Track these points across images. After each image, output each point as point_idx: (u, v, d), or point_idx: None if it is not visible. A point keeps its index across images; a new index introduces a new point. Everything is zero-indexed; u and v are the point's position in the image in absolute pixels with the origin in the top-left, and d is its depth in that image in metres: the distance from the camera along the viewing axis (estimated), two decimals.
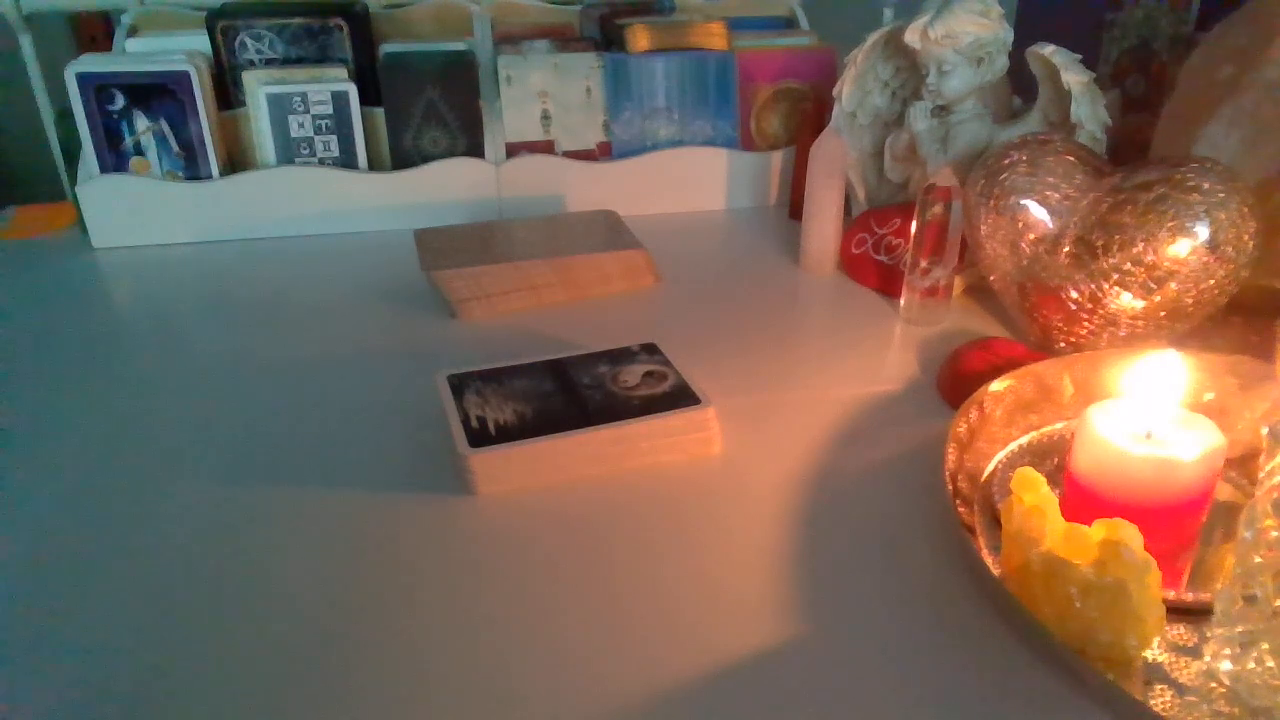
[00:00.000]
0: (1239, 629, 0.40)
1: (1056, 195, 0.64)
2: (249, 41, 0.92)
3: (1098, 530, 0.43)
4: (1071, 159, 0.65)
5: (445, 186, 0.94)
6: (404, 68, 0.91)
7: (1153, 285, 0.60)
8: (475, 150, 0.94)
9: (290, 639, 0.44)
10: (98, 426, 0.61)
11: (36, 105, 1.09)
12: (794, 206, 0.96)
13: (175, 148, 0.89)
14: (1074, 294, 0.63)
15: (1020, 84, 0.82)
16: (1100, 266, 0.61)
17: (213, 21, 0.91)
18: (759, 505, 0.53)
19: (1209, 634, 0.42)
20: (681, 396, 0.57)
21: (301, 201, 0.92)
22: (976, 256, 0.71)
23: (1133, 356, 0.50)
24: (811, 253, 0.84)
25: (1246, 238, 0.58)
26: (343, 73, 0.91)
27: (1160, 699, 0.40)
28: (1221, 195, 0.57)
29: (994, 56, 0.75)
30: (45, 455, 0.58)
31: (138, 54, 0.92)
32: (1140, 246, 0.59)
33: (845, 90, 0.85)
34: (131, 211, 0.89)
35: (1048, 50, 0.73)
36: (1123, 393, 0.49)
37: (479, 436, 0.54)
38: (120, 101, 0.87)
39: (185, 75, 0.87)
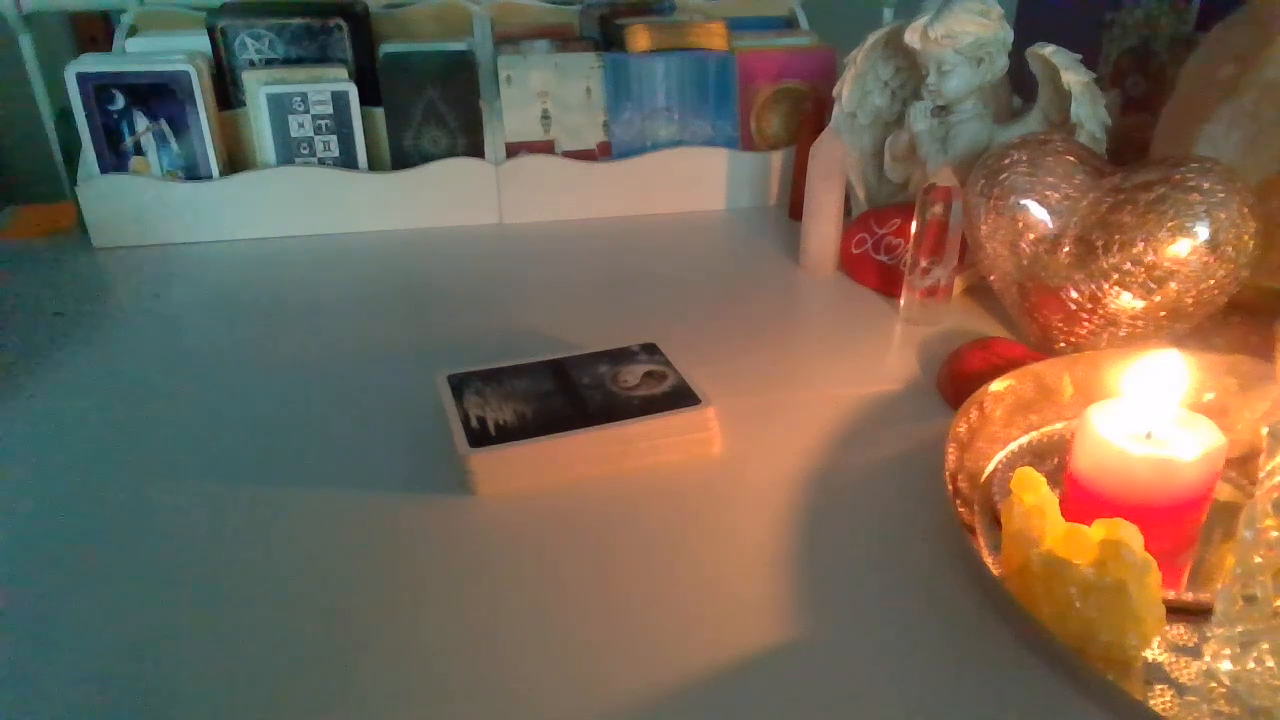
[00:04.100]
0: (1239, 629, 0.40)
1: (1056, 195, 0.64)
2: (249, 41, 0.92)
3: (1098, 530, 0.43)
4: (1071, 159, 0.65)
5: (445, 186, 0.94)
6: (404, 68, 0.91)
7: (1153, 285, 0.60)
8: (475, 150, 0.94)
9: (290, 639, 0.44)
10: (97, 426, 0.61)
11: (36, 105, 1.09)
12: (794, 206, 0.96)
13: (175, 148, 0.89)
14: (1074, 294, 0.63)
15: (1020, 84, 0.82)
16: (1100, 266, 0.61)
17: (213, 21, 0.91)
18: (759, 505, 0.53)
19: (1209, 634, 0.42)
20: (681, 396, 0.57)
21: (301, 201, 0.92)
22: (976, 256, 0.71)
23: (1133, 356, 0.50)
24: (811, 253, 0.84)
25: (1246, 238, 0.58)
26: (343, 73, 0.91)
27: (1160, 699, 0.40)
28: (1221, 195, 0.57)
29: (994, 56, 0.75)
30: (45, 455, 0.58)
31: (138, 54, 0.92)
32: (1140, 246, 0.59)
33: (845, 90, 0.85)
34: (131, 211, 0.89)
35: (1048, 50, 0.73)
36: (1123, 393, 0.49)
37: (479, 436, 0.54)
38: (120, 101, 0.87)
39: (185, 75, 0.87)
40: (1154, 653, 0.42)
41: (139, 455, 0.58)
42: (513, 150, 0.95)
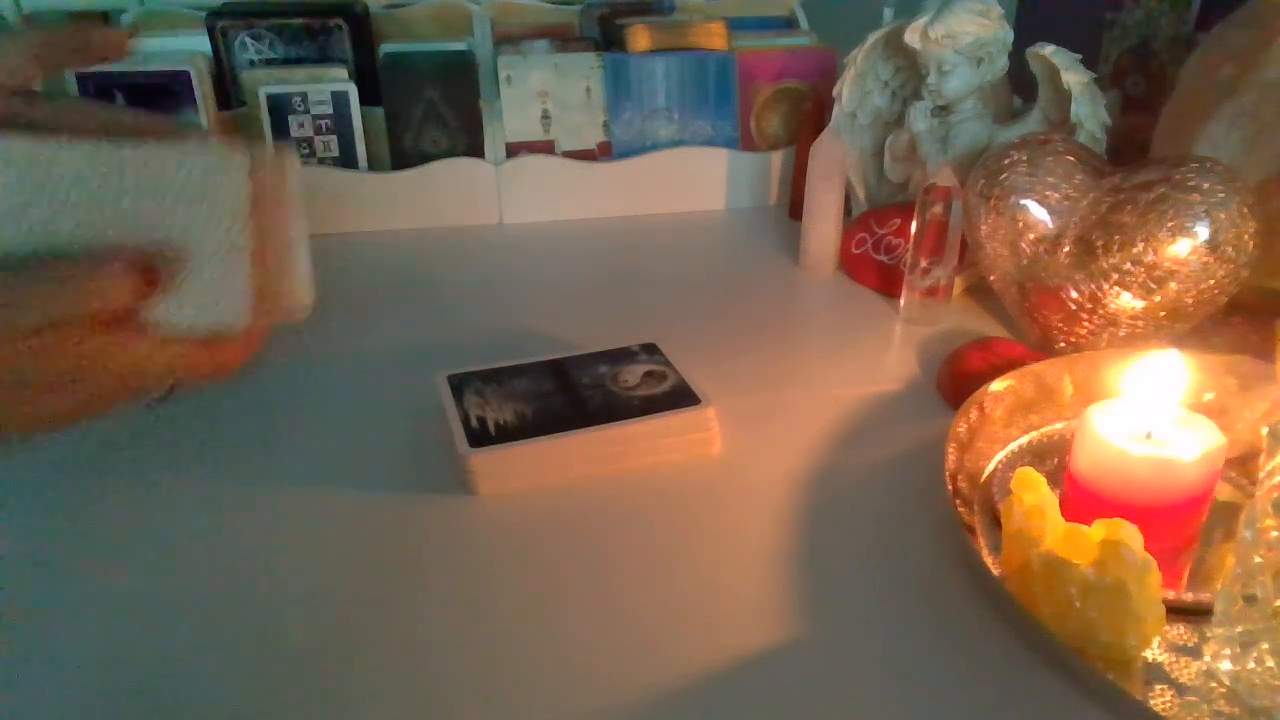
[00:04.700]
0: (1239, 629, 0.40)
1: (1056, 195, 0.64)
2: (249, 41, 0.92)
3: (1098, 530, 0.43)
4: (1071, 159, 0.65)
5: (445, 186, 0.94)
6: (404, 68, 0.91)
7: (1153, 285, 0.60)
8: (475, 150, 0.94)
9: (289, 640, 0.44)
10: (96, 426, 0.61)
11: None
12: (794, 206, 0.96)
13: None
14: (1074, 294, 0.63)
15: (1020, 84, 0.82)
16: (1100, 266, 0.61)
17: (213, 21, 0.91)
18: (759, 505, 0.53)
19: (1209, 634, 0.42)
20: (681, 396, 0.57)
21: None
22: (976, 256, 0.71)
23: (1133, 356, 0.50)
24: (811, 253, 0.84)
25: (1246, 238, 0.58)
26: (343, 73, 0.91)
27: (1160, 699, 0.40)
28: (1221, 195, 0.57)
29: (994, 56, 0.75)
30: (43, 456, 0.58)
31: (138, 54, 0.92)
32: (1140, 246, 0.59)
33: (845, 90, 0.85)
34: None
35: (1048, 50, 0.73)
36: (1123, 393, 0.49)
37: (479, 436, 0.54)
38: (120, 102, 0.87)
39: (185, 75, 0.87)
40: (1154, 653, 0.42)
41: (135, 454, 0.58)
42: (513, 150, 0.95)
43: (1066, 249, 0.63)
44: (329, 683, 0.42)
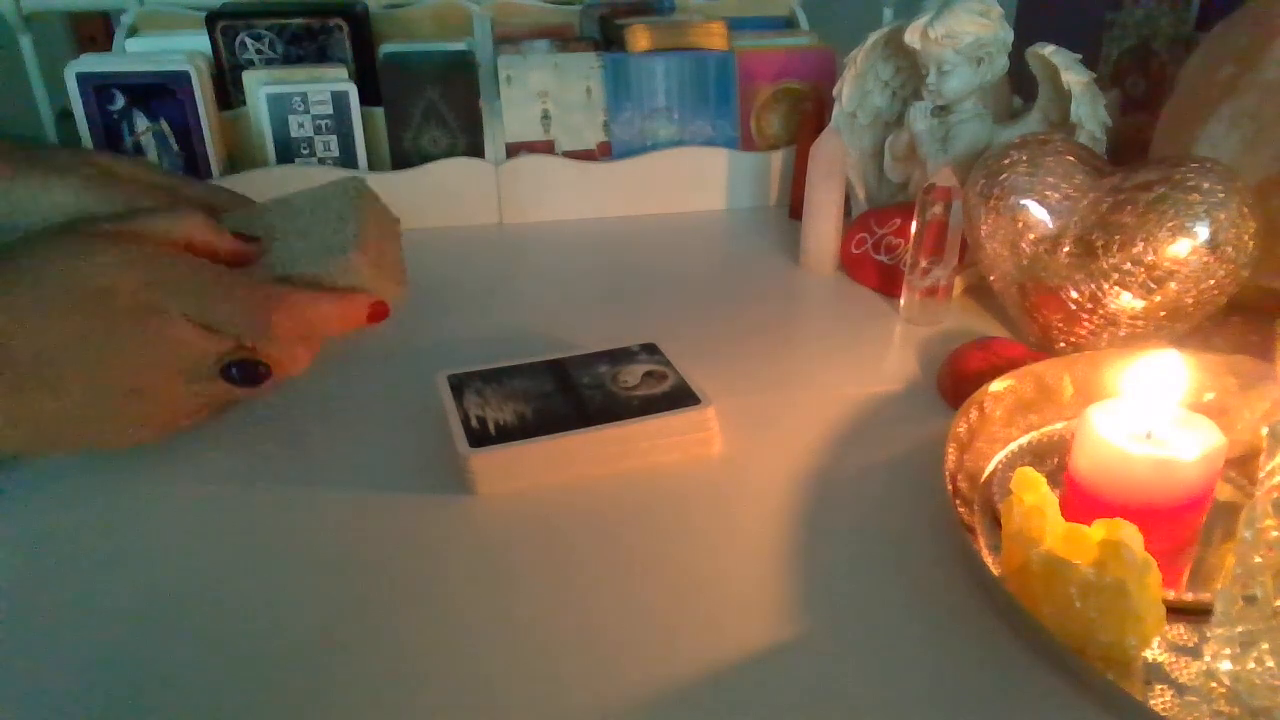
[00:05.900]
0: (1239, 629, 0.40)
1: (1056, 195, 0.64)
2: (249, 41, 0.92)
3: (1098, 530, 0.43)
4: (1071, 159, 0.65)
5: (445, 186, 0.94)
6: (404, 68, 0.91)
7: (1153, 285, 0.60)
8: (475, 150, 0.94)
9: (286, 640, 0.44)
10: None
11: (36, 105, 1.09)
12: (794, 206, 0.96)
13: (175, 148, 0.89)
14: (1074, 294, 0.63)
15: (1020, 84, 0.82)
16: (1100, 266, 0.61)
17: (213, 21, 0.91)
18: (759, 505, 0.53)
19: (1209, 634, 0.42)
20: (681, 396, 0.57)
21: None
22: (976, 256, 0.71)
23: (1133, 356, 0.50)
24: (811, 253, 0.84)
25: (1246, 238, 0.58)
26: (343, 73, 0.91)
27: (1160, 699, 0.40)
28: (1221, 195, 0.57)
29: (994, 56, 0.75)
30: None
31: (138, 54, 0.92)
32: (1140, 246, 0.59)
33: (845, 90, 0.85)
34: None
35: (1048, 50, 0.73)
36: (1123, 393, 0.49)
37: (479, 436, 0.54)
38: (120, 101, 0.87)
39: (185, 75, 0.87)
40: (1154, 653, 0.42)
41: (133, 452, 0.58)
42: (513, 150, 0.95)
43: (1066, 249, 0.63)
44: (326, 683, 0.42)
